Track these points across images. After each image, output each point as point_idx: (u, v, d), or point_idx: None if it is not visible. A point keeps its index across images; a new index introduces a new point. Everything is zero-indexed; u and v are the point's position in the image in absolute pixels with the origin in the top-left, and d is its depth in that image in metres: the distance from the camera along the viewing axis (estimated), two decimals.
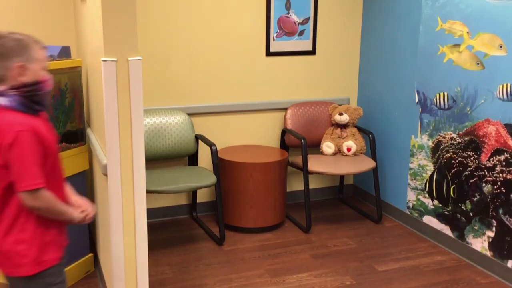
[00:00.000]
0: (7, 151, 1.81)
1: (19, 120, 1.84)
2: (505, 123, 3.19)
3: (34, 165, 1.83)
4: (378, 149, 4.19)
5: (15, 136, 1.80)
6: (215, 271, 3.36)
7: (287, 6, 4.16)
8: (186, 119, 3.92)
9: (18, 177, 1.82)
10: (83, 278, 3.26)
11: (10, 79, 1.86)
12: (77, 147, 3.12)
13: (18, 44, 1.88)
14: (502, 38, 3.16)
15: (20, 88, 1.86)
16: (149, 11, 3.83)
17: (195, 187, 3.60)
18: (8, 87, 1.86)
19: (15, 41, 1.88)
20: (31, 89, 1.88)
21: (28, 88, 1.88)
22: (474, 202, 3.45)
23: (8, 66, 1.85)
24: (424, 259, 3.56)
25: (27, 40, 1.91)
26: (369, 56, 4.37)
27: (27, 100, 1.88)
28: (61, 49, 3.02)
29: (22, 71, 1.86)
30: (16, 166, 1.82)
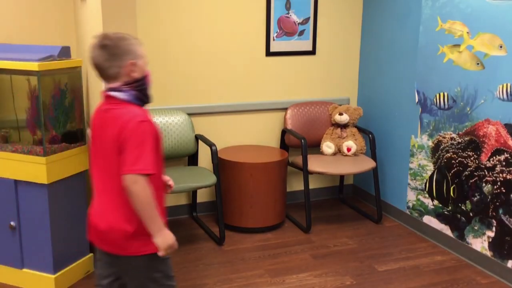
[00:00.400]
0: (129, 136, 1.96)
1: (139, 112, 2.02)
2: (505, 123, 3.19)
3: (150, 153, 1.97)
4: (378, 149, 4.19)
5: (136, 125, 1.96)
6: (215, 271, 3.36)
7: (287, 6, 4.16)
8: (186, 119, 3.92)
9: (133, 160, 1.94)
10: (83, 278, 3.26)
11: (123, 76, 2.03)
12: (77, 147, 3.12)
13: (127, 43, 2.03)
14: (502, 38, 3.16)
15: (132, 83, 2.04)
16: (149, 11, 3.83)
17: (195, 187, 3.60)
18: (122, 83, 2.03)
19: (125, 40, 2.03)
20: (141, 84, 2.06)
21: (139, 83, 2.05)
22: (474, 202, 3.45)
23: (122, 64, 2.01)
24: (424, 259, 3.56)
25: (131, 38, 2.06)
26: (369, 56, 4.37)
27: (140, 94, 2.06)
28: (61, 49, 3.02)
29: (133, 68, 2.02)
30: (132, 151, 1.95)
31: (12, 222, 3.07)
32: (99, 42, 2.02)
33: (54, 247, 3.05)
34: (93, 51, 2.03)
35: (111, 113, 2.03)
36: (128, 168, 1.95)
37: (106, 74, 2.04)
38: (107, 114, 2.05)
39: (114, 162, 2.00)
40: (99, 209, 2.11)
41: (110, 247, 2.11)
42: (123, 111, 2.01)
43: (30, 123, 3.02)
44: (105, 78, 2.06)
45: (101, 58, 2.02)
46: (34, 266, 3.11)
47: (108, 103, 2.06)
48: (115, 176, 2.00)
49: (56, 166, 2.98)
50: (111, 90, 2.04)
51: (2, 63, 2.93)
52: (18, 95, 3.07)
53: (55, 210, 3.03)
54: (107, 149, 2.02)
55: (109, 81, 2.05)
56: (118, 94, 2.03)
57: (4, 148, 3.03)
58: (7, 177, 3.02)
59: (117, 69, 2.02)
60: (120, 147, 1.97)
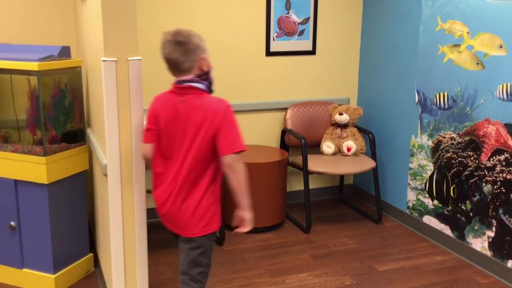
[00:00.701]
0: (221, 122, 2.19)
1: (219, 99, 2.26)
2: (505, 123, 3.19)
3: (239, 132, 2.26)
4: (378, 149, 4.19)
5: (226, 110, 2.22)
6: (215, 271, 3.36)
7: (287, 6, 4.17)
8: None
9: (231, 141, 2.21)
10: (83, 278, 3.26)
11: (195, 69, 2.25)
12: (77, 147, 3.12)
13: (197, 40, 2.25)
14: (502, 38, 3.16)
15: (203, 75, 2.27)
16: (149, 11, 3.83)
17: None
18: (194, 75, 2.25)
19: (196, 37, 2.25)
20: (209, 76, 2.30)
21: (207, 75, 2.29)
22: (474, 202, 3.45)
23: (194, 58, 2.23)
24: (424, 259, 3.56)
25: (199, 35, 2.28)
26: (369, 56, 4.37)
27: (210, 84, 2.30)
28: (61, 49, 3.02)
29: (203, 62, 2.25)
30: (228, 133, 2.20)
31: (12, 222, 3.06)
32: (174, 38, 2.22)
33: (54, 247, 3.05)
34: (168, 47, 2.22)
35: (192, 102, 2.23)
36: (228, 149, 2.20)
37: (180, 68, 2.23)
38: (187, 104, 2.23)
39: (203, 146, 2.21)
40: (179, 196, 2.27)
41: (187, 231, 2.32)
42: (205, 100, 2.24)
43: (30, 123, 3.02)
44: (178, 71, 2.25)
45: (176, 54, 2.21)
46: (34, 266, 3.11)
47: (183, 93, 2.25)
48: (202, 159, 2.23)
49: (56, 166, 2.98)
50: (187, 81, 2.24)
51: (2, 63, 2.93)
52: (18, 95, 3.07)
53: (55, 210, 3.03)
54: (195, 135, 2.21)
55: (181, 74, 2.25)
56: (198, 85, 2.24)
57: (4, 148, 3.03)
58: (7, 177, 3.02)
59: (191, 63, 2.23)
60: (214, 132, 2.19)
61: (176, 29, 2.26)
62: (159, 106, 2.32)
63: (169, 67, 2.28)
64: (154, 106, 2.35)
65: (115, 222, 2.52)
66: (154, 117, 2.32)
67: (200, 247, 2.33)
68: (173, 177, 2.27)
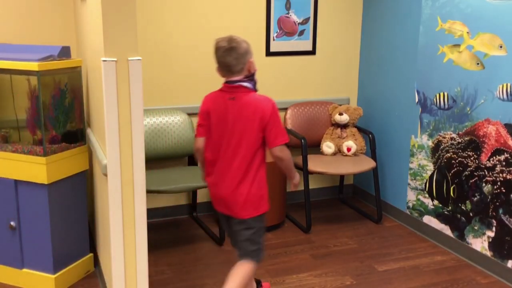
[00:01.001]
0: (269, 117, 2.52)
1: (265, 97, 2.58)
2: (505, 123, 3.19)
3: (282, 126, 2.59)
4: (378, 149, 4.19)
5: (272, 106, 2.54)
6: (215, 271, 3.36)
7: (287, 6, 4.17)
8: (186, 119, 3.92)
9: (276, 135, 2.54)
10: (83, 278, 3.27)
11: (244, 71, 2.57)
12: (77, 147, 3.12)
13: (246, 45, 2.57)
14: (502, 38, 3.16)
15: (250, 76, 2.58)
16: (149, 11, 3.83)
17: (195, 187, 3.60)
18: (243, 76, 2.56)
19: (245, 42, 2.57)
20: (254, 77, 2.61)
21: (253, 76, 2.61)
22: (474, 202, 3.45)
23: (245, 61, 2.55)
24: (424, 259, 3.56)
25: (246, 41, 2.59)
26: (369, 56, 4.37)
27: (255, 84, 2.61)
28: (61, 49, 3.02)
29: (251, 64, 2.59)
30: (275, 127, 2.53)
31: (12, 222, 3.07)
32: (228, 44, 2.53)
33: (54, 247, 3.05)
34: (222, 52, 2.53)
35: (242, 100, 2.54)
36: (276, 141, 2.55)
37: (232, 70, 2.54)
38: (237, 101, 2.54)
39: (252, 139, 2.54)
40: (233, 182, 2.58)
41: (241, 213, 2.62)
42: (254, 97, 2.56)
43: (30, 123, 3.02)
44: (230, 73, 2.56)
45: (229, 58, 2.52)
46: (34, 266, 3.11)
47: (233, 92, 2.56)
48: (251, 150, 2.55)
49: (56, 166, 2.98)
50: (237, 82, 2.55)
51: (2, 63, 2.93)
52: (18, 95, 3.07)
53: (55, 210, 3.03)
54: (245, 129, 2.54)
55: (232, 75, 2.56)
56: (246, 84, 2.56)
57: (4, 148, 3.03)
58: (7, 177, 3.02)
59: (242, 65, 2.55)
60: (262, 126, 2.53)
61: (229, 36, 2.58)
62: (211, 103, 2.62)
63: (221, 69, 2.57)
64: (205, 104, 2.65)
65: (115, 222, 2.52)
66: (206, 114, 2.62)
67: (252, 228, 2.64)
68: (226, 166, 2.59)
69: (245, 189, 2.58)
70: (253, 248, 2.66)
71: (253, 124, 2.53)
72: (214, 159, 2.62)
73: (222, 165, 2.60)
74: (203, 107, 2.65)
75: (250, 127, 2.53)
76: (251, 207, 2.62)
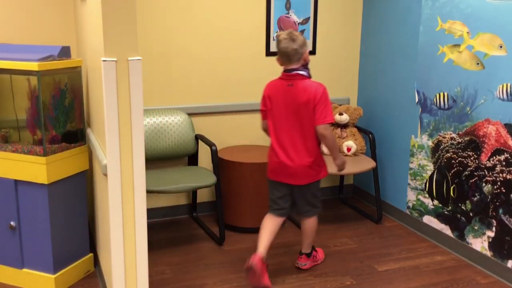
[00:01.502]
0: (319, 99, 2.95)
1: (318, 83, 3.02)
2: (505, 123, 3.19)
3: (330, 108, 3.04)
4: (378, 149, 4.19)
5: (323, 90, 2.99)
6: (215, 271, 3.36)
7: (287, 6, 4.17)
8: (186, 119, 3.92)
9: (322, 114, 2.97)
10: (83, 278, 3.27)
11: (301, 60, 3.00)
12: (77, 147, 3.12)
13: (303, 38, 3.00)
14: (502, 38, 3.16)
15: (305, 65, 3.03)
16: (149, 11, 3.83)
17: (195, 187, 3.60)
18: (300, 65, 3.00)
19: (302, 36, 3.01)
20: (308, 66, 3.06)
21: (308, 65, 3.06)
22: (474, 202, 3.45)
23: (303, 52, 2.99)
24: (424, 259, 3.56)
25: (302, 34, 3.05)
26: (369, 56, 4.37)
27: (309, 72, 3.05)
28: (61, 49, 3.02)
29: (307, 55, 3.04)
30: (322, 108, 2.96)
31: (12, 222, 3.07)
32: (289, 37, 2.96)
33: (54, 247, 3.06)
34: (284, 43, 2.95)
35: (298, 85, 2.98)
36: (321, 120, 2.97)
37: (292, 59, 2.97)
38: (295, 87, 2.98)
39: (307, 118, 2.98)
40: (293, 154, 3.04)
41: (304, 179, 3.10)
42: (308, 83, 2.99)
43: (30, 123, 3.02)
44: (289, 61, 2.99)
45: (291, 48, 2.94)
46: (34, 266, 3.11)
47: (291, 79, 3.00)
48: (308, 127, 3.00)
49: (56, 166, 2.98)
50: (295, 70, 2.99)
51: (2, 63, 2.93)
52: (18, 95, 3.07)
53: (55, 210, 3.03)
54: (302, 110, 2.98)
55: (291, 64, 2.99)
56: (302, 72, 2.99)
57: (4, 148, 3.03)
58: (7, 177, 3.02)
59: (300, 55, 2.98)
60: (314, 107, 2.95)
61: (289, 30, 3.03)
62: (271, 90, 3.08)
63: (282, 58, 3.01)
64: (267, 90, 3.11)
65: (115, 222, 2.52)
66: (268, 99, 3.08)
67: (312, 189, 3.19)
68: (288, 142, 3.04)
69: (305, 160, 3.05)
70: (311, 208, 3.23)
71: (308, 106, 2.98)
72: (277, 137, 3.07)
73: (284, 142, 3.05)
74: (265, 93, 3.11)
75: (306, 108, 2.98)
76: (312, 174, 3.10)
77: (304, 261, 3.37)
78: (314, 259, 3.42)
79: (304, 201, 3.21)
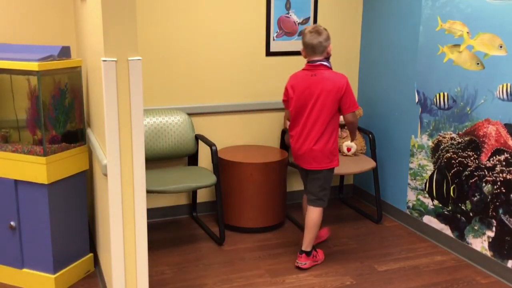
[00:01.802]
0: (344, 90, 3.17)
1: (340, 73, 3.24)
2: (505, 123, 3.19)
3: (354, 97, 3.26)
4: (378, 149, 4.19)
5: (346, 81, 3.20)
6: (215, 271, 3.36)
7: (287, 6, 4.17)
8: (186, 119, 3.93)
9: (350, 104, 3.21)
10: (83, 278, 3.27)
11: (324, 53, 3.22)
12: (77, 147, 3.12)
13: (327, 32, 3.21)
14: (502, 38, 3.16)
15: (328, 58, 3.26)
16: (149, 11, 3.83)
17: (195, 187, 3.60)
18: (323, 57, 3.22)
19: (326, 30, 3.21)
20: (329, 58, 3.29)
21: (330, 58, 3.29)
22: (474, 202, 3.45)
23: (326, 45, 3.21)
24: (424, 259, 3.56)
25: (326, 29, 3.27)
26: (369, 56, 4.37)
27: (330, 63, 3.26)
28: (61, 49, 3.02)
29: (330, 49, 3.25)
30: (348, 98, 3.20)
31: (12, 222, 3.07)
32: (315, 30, 3.18)
33: (54, 247, 3.06)
34: (310, 36, 3.17)
35: (322, 75, 3.19)
36: (349, 109, 3.22)
37: (316, 50, 3.19)
38: (318, 76, 3.19)
39: (331, 107, 3.18)
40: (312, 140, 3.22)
41: (316, 165, 3.27)
42: (331, 74, 3.20)
43: (30, 123, 3.02)
44: (314, 53, 3.20)
45: (316, 40, 3.17)
46: (34, 266, 3.11)
47: (315, 70, 3.21)
48: (326, 115, 3.18)
49: (56, 166, 2.98)
50: (318, 61, 3.21)
51: (2, 63, 2.93)
52: (18, 95, 3.07)
53: (55, 210, 3.03)
54: (324, 98, 3.17)
55: (315, 56, 3.21)
56: (325, 63, 3.21)
57: (4, 148, 3.03)
58: (7, 177, 3.02)
59: (324, 48, 3.20)
60: (339, 97, 3.17)
61: (314, 25, 3.25)
62: (295, 80, 3.28)
63: (307, 50, 3.22)
64: (291, 81, 3.31)
65: (115, 222, 2.52)
66: (291, 88, 3.28)
67: (324, 177, 3.32)
68: (308, 128, 3.22)
69: (321, 146, 3.22)
70: (323, 193, 3.36)
71: (331, 95, 3.16)
72: (298, 124, 3.26)
73: (304, 128, 3.23)
74: (289, 83, 3.31)
75: (329, 97, 3.17)
76: (326, 160, 3.26)
77: (304, 260, 3.37)
78: (314, 258, 3.43)
79: (312, 188, 3.36)
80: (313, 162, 3.28)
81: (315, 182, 3.35)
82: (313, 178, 3.35)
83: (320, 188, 3.35)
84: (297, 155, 3.32)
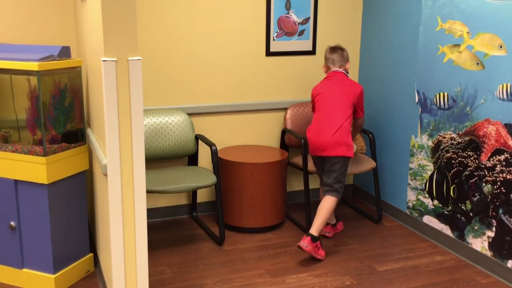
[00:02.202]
0: (360, 96, 3.65)
1: (356, 82, 3.72)
2: (505, 123, 3.19)
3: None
4: (378, 149, 4.19)
5: (361, 89, 3.67)
6: (215, 271, 3.37)
7: (287, 6, 4.17)
8: (186, 119, 3.93)
9: (361, 109, 3.71)
10: (83, 278, 3.27)
11: (342, 67, 3.69)
12: (77, 147, 3.12)
13: (347, 53, 3.74)
14: (502, 38, 3.16)
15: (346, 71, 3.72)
16: (149, 11, 3.83)
17: (195, 187, 3.60)
18: (343, 69, 3.68)
19: (347, 51, 3.73)
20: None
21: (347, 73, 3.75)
22: (474, 202, 3.45)
23: (345, 63, 3.71)
24: (424, 259, 3.56)
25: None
26: (369, 56, 4.37)
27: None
28: (61, 49, 3.02)
29: (348, 66, 3.72)
30: (361, 103, 3.69)
31: (12, 222, 3.07)
32: (338, 48, 3.70)
33: (54, 247, 3.06)
34: (332, 51, 3.70)
35: (346, 81, 3.65)
36: (361, 114, 3.72)
37: (336, 64, 3.68)
38: (344, 81, 3.64)
39: (349, 106, 3.59)
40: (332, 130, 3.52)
41: (335, 151, 3.53)
42: (351, 81, 3.67)
43: (30, 123, 3.02)
44: (334, 65, 3.68)
45: (336, 54, 3.69)
46: (34, 266, 3.11)
47: (337, 75, 3.65)
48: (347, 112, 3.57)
49: (56, 166, 2.98)
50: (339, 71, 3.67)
51: (2, 63, 2.93)
52: (18, 95, 3.08)
53: (55, 210, 3.03)
54: (346, 99, 3.58)
55: (335, 67, 3.68)
56: (347, 74, 3.69)
57: (4, 148, 3.03)
58: (7, 177, 3.02)
59: (342, 63, 3.70)
60: (355, 101, 3.63)
61: (336, 44, 3.77)
62: (321, 87, 3.66)
63: (327, 63, 3.71)
64: (316, 89, 3.68)
65: (115, 222, 2.53)
66: (317, 95, 3.65)
67: (340, 168, 3.56)
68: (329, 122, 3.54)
69: (339, 136, 3.52)
70: (339, 186, 3.58)
71: (349, 97, 3.60)
72: (321, 118, 3.59)
73: (326, 122, 3.55)
74: (314, 91, 3.69)
75: (347, 98, 3.59)
76: (343, 148, 3.53)
77: (307, 242, 3.42)
78: (316, 249, 3.48)
79: (328, 179, 3.59)
80: (332, 148, 3.53)
81: (330, 174, 3.56)
82: (329, 170, 3.57)
83: (336, 180, 3.55)
84: (318, 144, 3.56)
